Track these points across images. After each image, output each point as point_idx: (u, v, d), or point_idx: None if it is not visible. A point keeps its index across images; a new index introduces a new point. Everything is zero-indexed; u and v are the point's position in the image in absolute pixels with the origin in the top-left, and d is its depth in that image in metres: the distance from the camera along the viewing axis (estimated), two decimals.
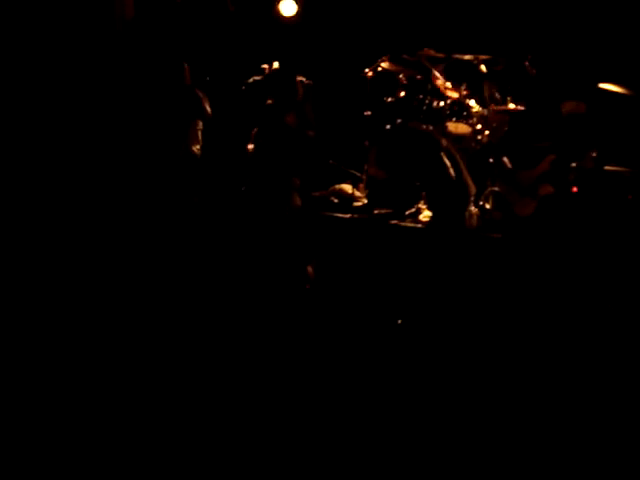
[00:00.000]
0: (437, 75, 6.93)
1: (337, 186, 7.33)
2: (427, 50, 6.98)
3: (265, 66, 6.90)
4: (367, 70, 7.17)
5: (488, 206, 6.50)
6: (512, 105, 6.81)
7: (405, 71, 7.09)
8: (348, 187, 7.30)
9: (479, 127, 6.76)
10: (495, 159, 6.55)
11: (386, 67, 7.14)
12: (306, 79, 7.31)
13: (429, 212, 6.68)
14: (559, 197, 6.01)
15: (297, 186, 6.54)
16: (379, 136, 7.00)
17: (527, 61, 6.80)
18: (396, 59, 7.10)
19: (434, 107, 6.84)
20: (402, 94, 7.03)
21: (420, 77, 7.02)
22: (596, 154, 6.01)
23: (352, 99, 7.58)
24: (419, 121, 6.84)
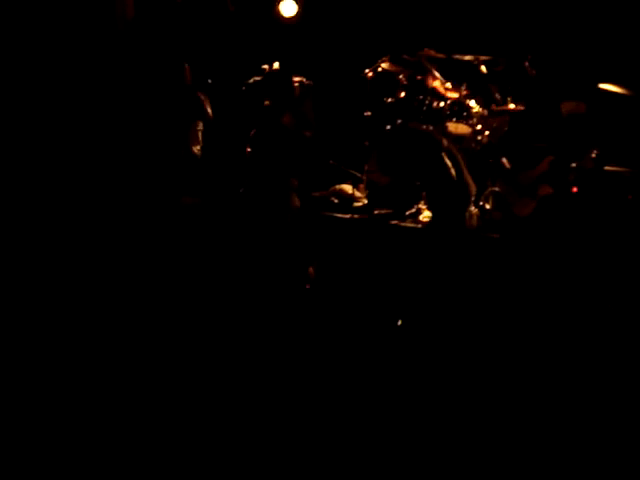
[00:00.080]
0: (435, 75, 6.93)
1: (337, 186, 7.33)
2: (427, 50, 6.98)
3: (265, 66, 6.90)
4: (367, 70, 7.17)
5: (488, 206, 6.50)
6: (512, 105, 6.81)
7: (405, 71, 7.09)
8: (348, 187, 7.30)
9: (479, 127, 6.77)
10: (495, 159, 6.56)
11: (386, 67, 7.14)
12: (306, 79, 7.32)
13: (429, 212, 6.69)
14: (559, 197, 6.01)
15: (295, 187, 6.54)
16: (379, 138, 7.00)
17: (527, 61, 6.80)
18: (396, 59, 7.10)
19: (434, 107, 6.85)
20: (402, 94, 7.03)
21: (420, 77, 7.02)
22: (596, 154, 6.01)
23: (352, 99, 7.58)
24: (419, 122, 6.85)
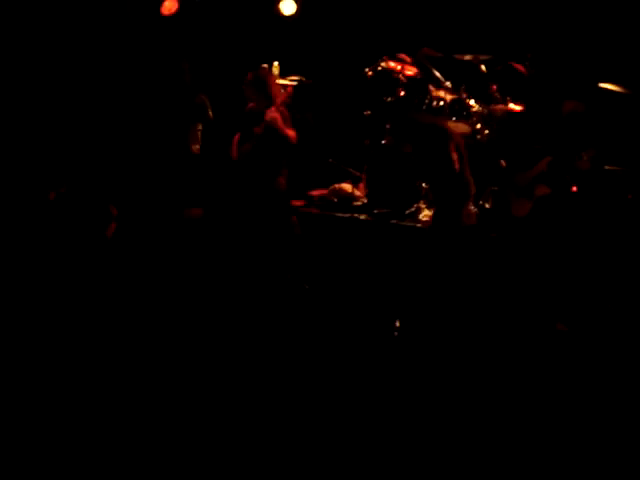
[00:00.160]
0: (435, 76, 6.93)
1: (337, 185, 7.33)
2: (427, 50, 6.98)
3: (265, 66, 6.91)
4: (367, 69, 7.17)
5: (487, 206, 6.50)
6: (512, 105, 6.81)
7: (405, 71, 7.09)
8: (348, 186, 7.30)
9: (479, 126, 6.76)
10: (493, 159, 6.55)
11: (386, 66, 7.14)
12: (305, 79, 7.34)
13: (428, 211, 6.68)
14: (556, 197, 6.01)
15: (282, 187, 6.51)
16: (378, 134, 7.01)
17: (527, 61, 6.80)
18: (396, 58, 7.10)
19: (434, 106, 6.84)
20: (402, 93, 7.02)
21: (420, 76, 7.02)
22: (594, 154, 6.01)
23: (352, 99, 7.58)
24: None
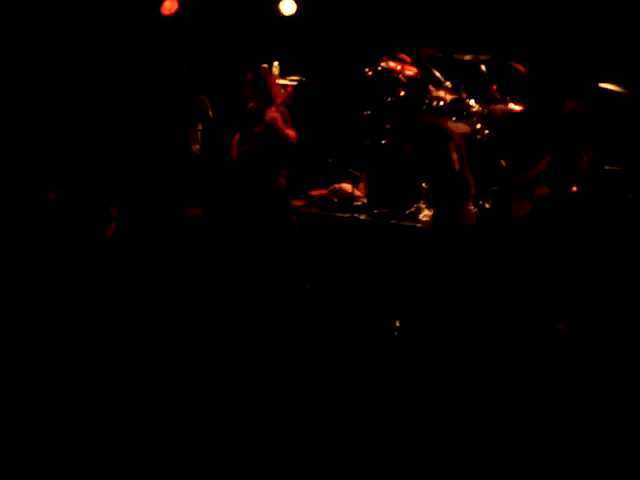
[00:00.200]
0: (435, 76, 6.93)
1: (337, 185, 7.33)
2: (427, 50, 6.98)
3: (265, 66, 6.92)
4: (367, 69, 7.17)
5: (487, 206, 6.50)
6: (512, 105, 6.81)
7: (405, 71, 7.09)
8: (348, 186, 7.30)
9: (479, 126, 6.76)
10: (493, 159, 6.55)
11: (386, 66, 7.14)
12: (305, 79, 7.33)
13: (428, 211, 6.68)
14: (556, 197, 6.01)
15: (282, 187, 6.51)
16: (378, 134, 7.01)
17: (527, 61, 6.80)
18: (396, 58, 7.10)
19: (434, 106, 6.84)
20: (402, 93, 7.02)
21: (420, 76, 7.02)
22: (594, 154, 6.01)
23: (352, 99, 7.58)
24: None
